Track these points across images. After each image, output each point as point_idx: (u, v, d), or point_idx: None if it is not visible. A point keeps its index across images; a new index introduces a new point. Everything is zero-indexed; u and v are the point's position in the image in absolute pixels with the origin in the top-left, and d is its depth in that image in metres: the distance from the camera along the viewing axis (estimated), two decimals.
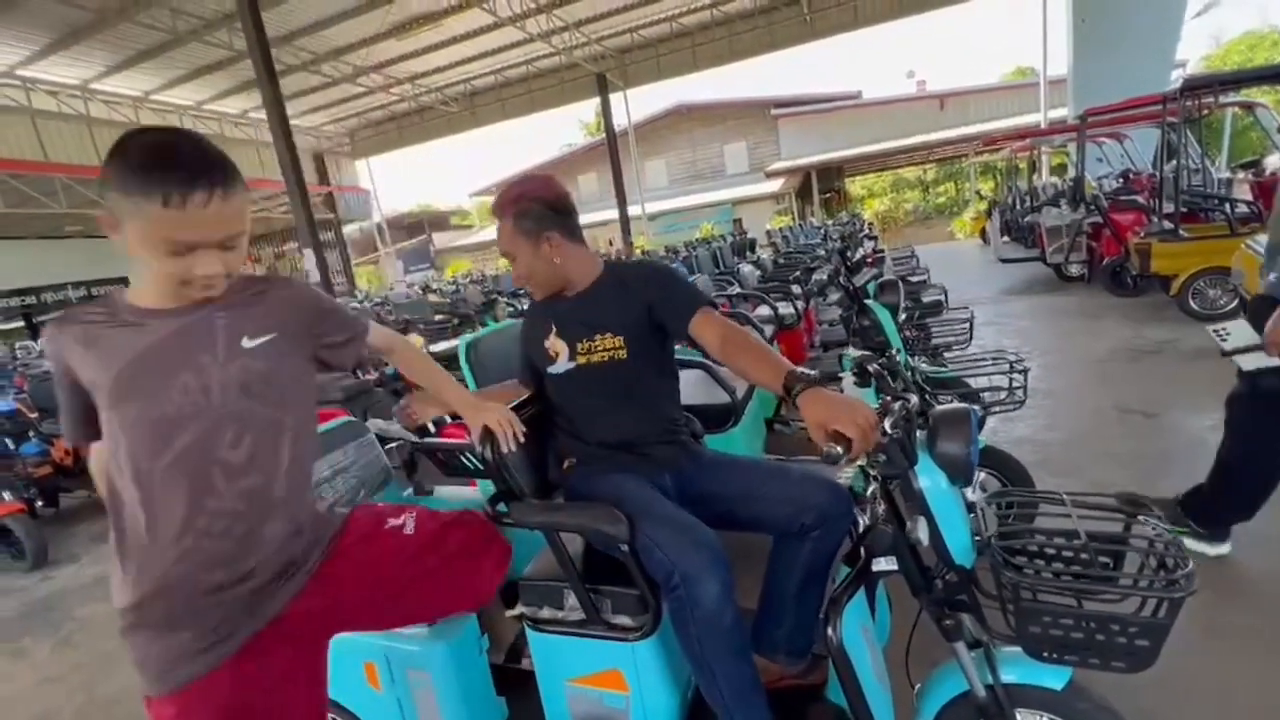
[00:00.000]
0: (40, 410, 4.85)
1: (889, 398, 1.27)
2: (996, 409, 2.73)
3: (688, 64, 16.97)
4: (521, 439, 1.43)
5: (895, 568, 1.37)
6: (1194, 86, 5.15)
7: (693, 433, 1.74)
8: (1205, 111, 5.92)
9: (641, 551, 1.32)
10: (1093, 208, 6.93)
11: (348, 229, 22.89)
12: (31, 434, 4.76)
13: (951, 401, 2.90)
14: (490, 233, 28.85)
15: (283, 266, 21.80)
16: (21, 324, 16.32)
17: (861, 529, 1.41)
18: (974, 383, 2.92)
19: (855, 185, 26.56)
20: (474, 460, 2.80)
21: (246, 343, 1.06)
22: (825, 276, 2.34)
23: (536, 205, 1.51)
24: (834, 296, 2.39)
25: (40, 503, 4.40)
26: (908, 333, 3.36)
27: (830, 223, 11.84)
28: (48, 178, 12.41)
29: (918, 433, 1.40)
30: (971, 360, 3.04)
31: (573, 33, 15.00)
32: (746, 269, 4.73)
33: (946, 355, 3.61)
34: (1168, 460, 3.09)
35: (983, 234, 13.18)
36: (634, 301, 1.50)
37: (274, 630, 1.07)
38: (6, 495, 3.90)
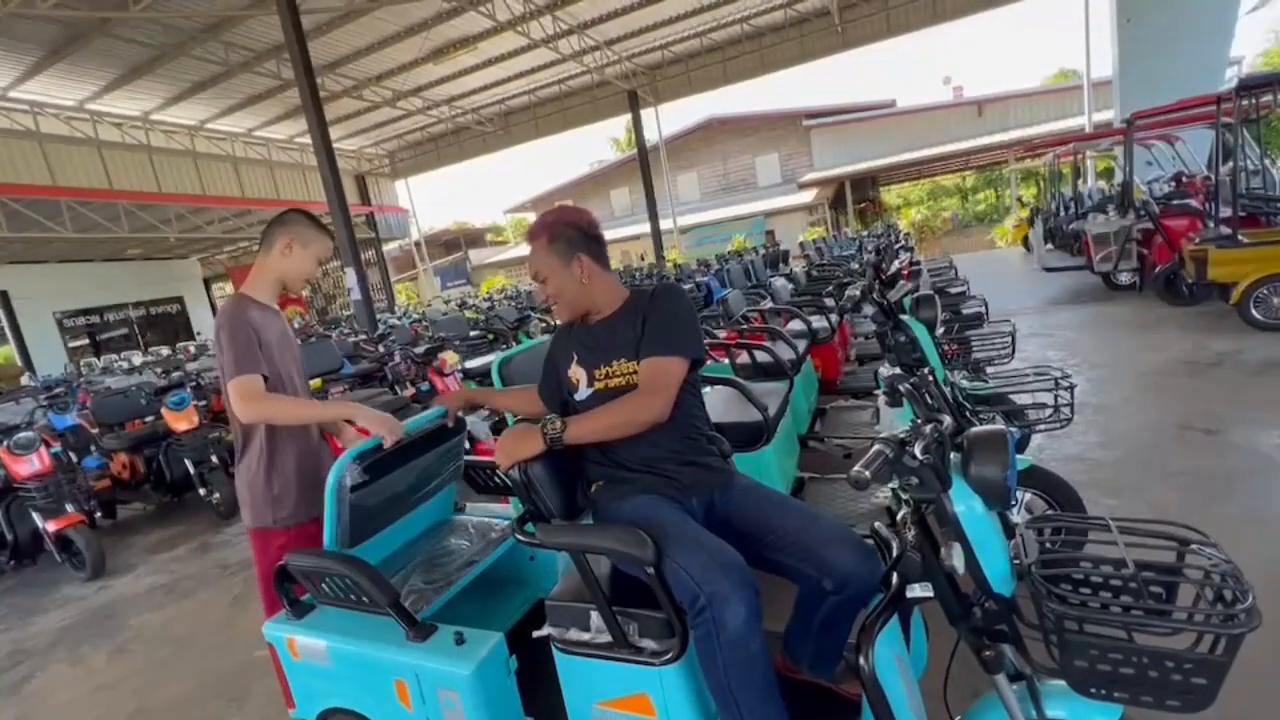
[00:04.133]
0: (102, 425, 5.11)
1: (919, 420, 1.23)
2: (1041, 427, 2.63)
3: (718, 78, 17.02)
4: (394, 441, 1.74)
5: (930, 594, 1.33)
6: (1251, 85, 4.92)
7: (721, 453, 1.73)
8: (1264, 111, 5.64)
9: (668, 574, 1.31)
10: (1143, 213, 6.65)
11: (388, 247, 23.58)
12: (93, 448, 5.01)
13: (993, 419, 2.81)
14: (525, 248, 29.25)
15: (326, 285, 22.55)
16: (86, 341, 17.26)
17: (895, 553, 1.38)
18: (1018, 399, 2.83)
19: (891, 194, 26.13)
20: (505, 479, 2.83)
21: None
22: (859, 292, 2.30)
23: (571, 230, 1.58)
24: (869, 311, 2.34)
25: (99, 514, 4.61)
26: (947, 347, 3.27)
27: (865, 234, 11.67)
28: (112, 204, 13.17)
29: (952, 455, 1.36)
30: (1015, 375, 2.94)
31: (604, 51, 15.24)
32: (779, 282, 4.69)
33: (988, 370, 3.50)
34: (1232, 481, 2.92)
35: (1025, 242, 12.79)
36: (644, 326, 1.54)
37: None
38: (69, 507, 4.10)
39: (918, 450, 1.14)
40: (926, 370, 1.67)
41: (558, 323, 1.74)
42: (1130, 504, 2.80)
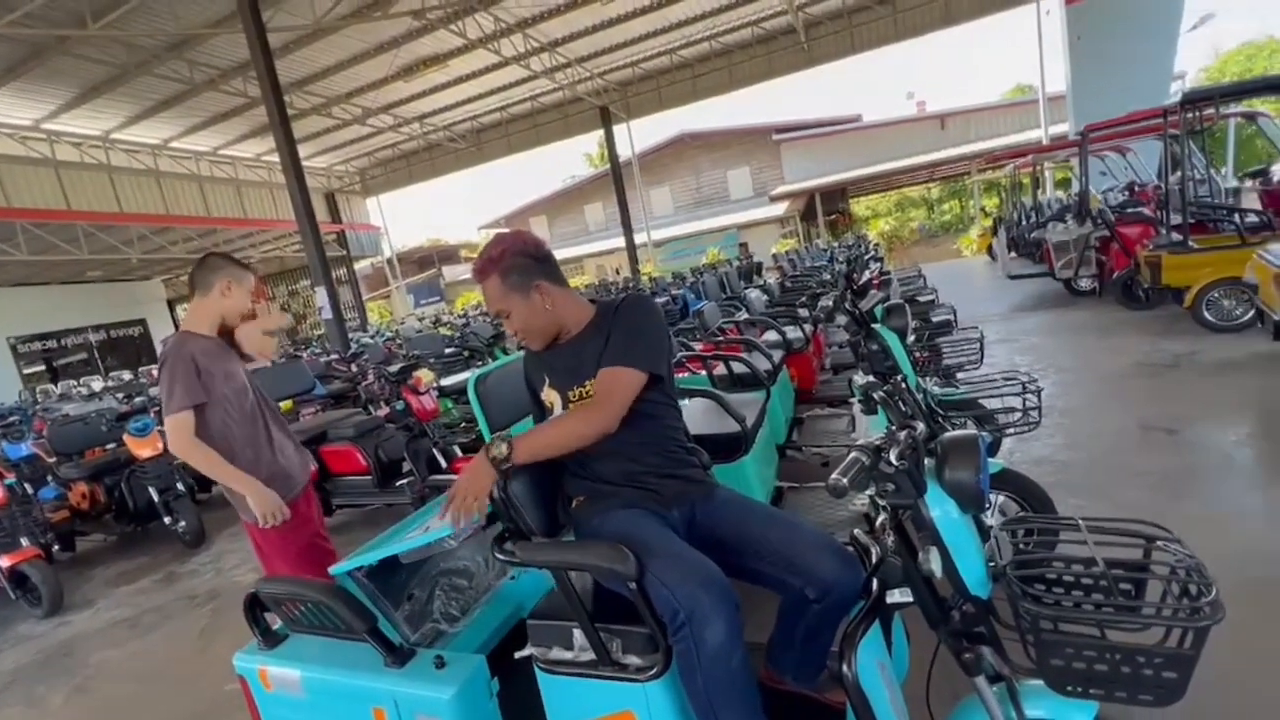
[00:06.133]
0: (59, 454, 4.91)
1: (894, 427, 1.26)
2: (1011, 430, 2.70)
3: (689, 94, 17.29)
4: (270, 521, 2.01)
5: (910, 600, 1.34)
6: (1194, 99, 5.16)
7: (701, 464, 1.73)
8: (1207, 123, 5.92)
9: (649, 589, 1.30)
10: (1099, 222, 6.90)
11: (360, 265, 23.28)
12: (49, 478, 4.82)
13: (965, 424, 2.87)
14: None
15: (296, 304, 22.14)
16: (43, 367, 16.64)
17: (875, 560, 1.39)
18: (988, 404, 2.89)
19: (860, 206, 26.67)
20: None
21: None
22: (831, 302, 2.35)
23: (519, 258, 1.53)
24: (842, 320, 2.38)
25: (57, 547, 4.43)
26: (918, 354, 3.34)
27: (836, 245, 11.88)
28: (70, 225, 12.78)
29: (926, 460, 1.38)
30: (984, 380, 3.01)
31: (575, 68, 15.36)
32: (753, 294, 4.75)
33: (959, 375, 3.58)
34: (1193, 478, 3.02)
35: (989, 251, 13.16)
36: (608, 340, 1.52)
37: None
38: (23, 541, 3.93)
39: (893, 457, 1.16)
40: (899, 378, 1.70)
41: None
42: (1097, 504, 2.88)
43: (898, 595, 1.35)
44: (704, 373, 3.35)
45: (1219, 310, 5.05)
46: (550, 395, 1.61)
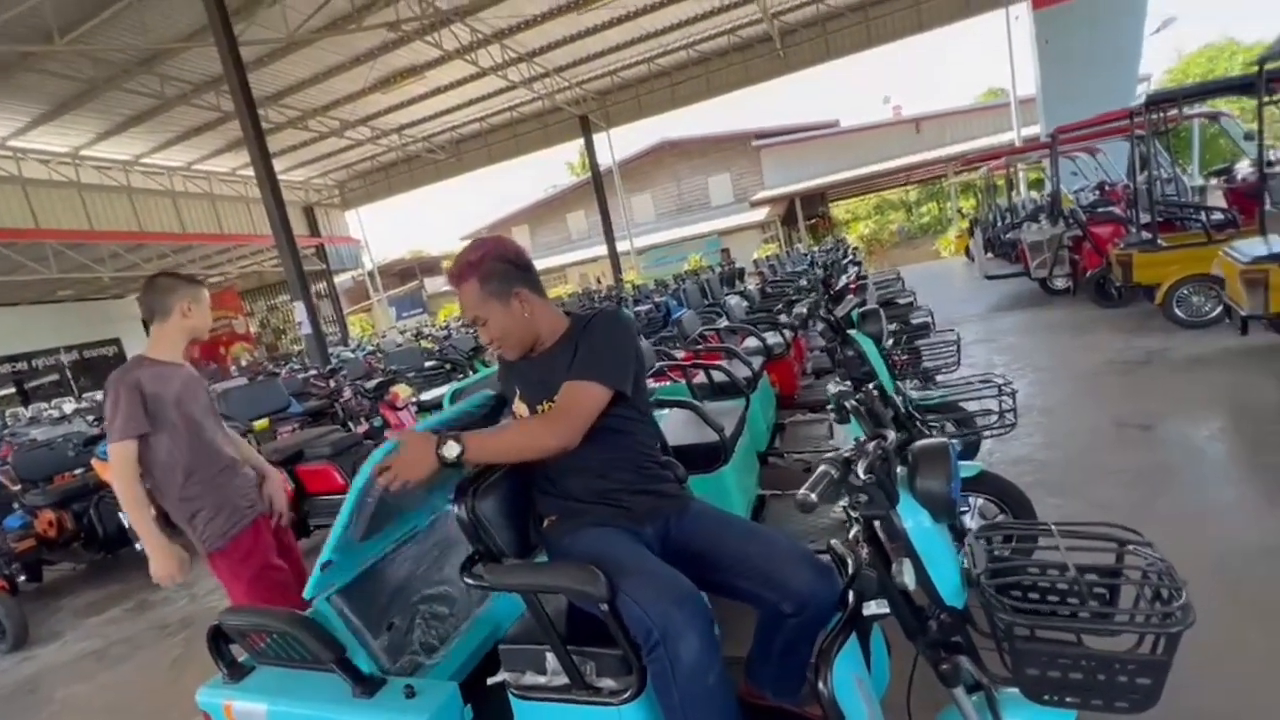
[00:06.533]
0: (24, 481, 4.77)
1: (864, 438, 1.24)
2: (988, 433, 2.71)
3: (667, 101, 17.39)
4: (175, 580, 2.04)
5: (887, 611, 1.33)
6: (1157, 100, 5.27)
7: (677, 478, 1.71)
8: (1171, 124, 6.05)
9: (622, 609, 1.28)
10: (1071, 222, 7.02)
11: (340, 278, 23.04)
12: (15, 506, 4.67)
13: (945, 426, 2.89)
14: None
15: (275, 319, 21.86)
16: (13, 390, 16.23)
17: (850, 572, 1.38)
18: (967, 406, 2.91)
19: (840, 209, 26.94)
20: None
21: None
22: (806, 309, 2.35)
23: (500, 264, 1.49)
24: (818, 327, 2.38)
25: (22, 578, 4.28)
26: (896, 357, 3.35)
27: (816, 249, 11.98)
28: (39, 244, 12.51)
29: (899, 469, 1.37)
30: (964, 382, 3.03)
31: (553, 78, 15.38)
32: (733, 301, 4.75)
33: (938, 378, 3.60)
34: (1168, 474, 3.05)
35: (967, 252, 13.33)
36: (576, 354, 1.49)
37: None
38: None
39: (860, 470, 1.14)
40: (872, 385, 1.70)
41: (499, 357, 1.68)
42: (1074, 503, 2.89)
43: (874, 607, 1.34)
44: (684, 382, 3.33)
45: (1189, 306, 5.14)
46: (520, 407, 1.58)
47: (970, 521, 2.43)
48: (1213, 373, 4.29)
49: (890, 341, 3.33)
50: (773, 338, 4.29)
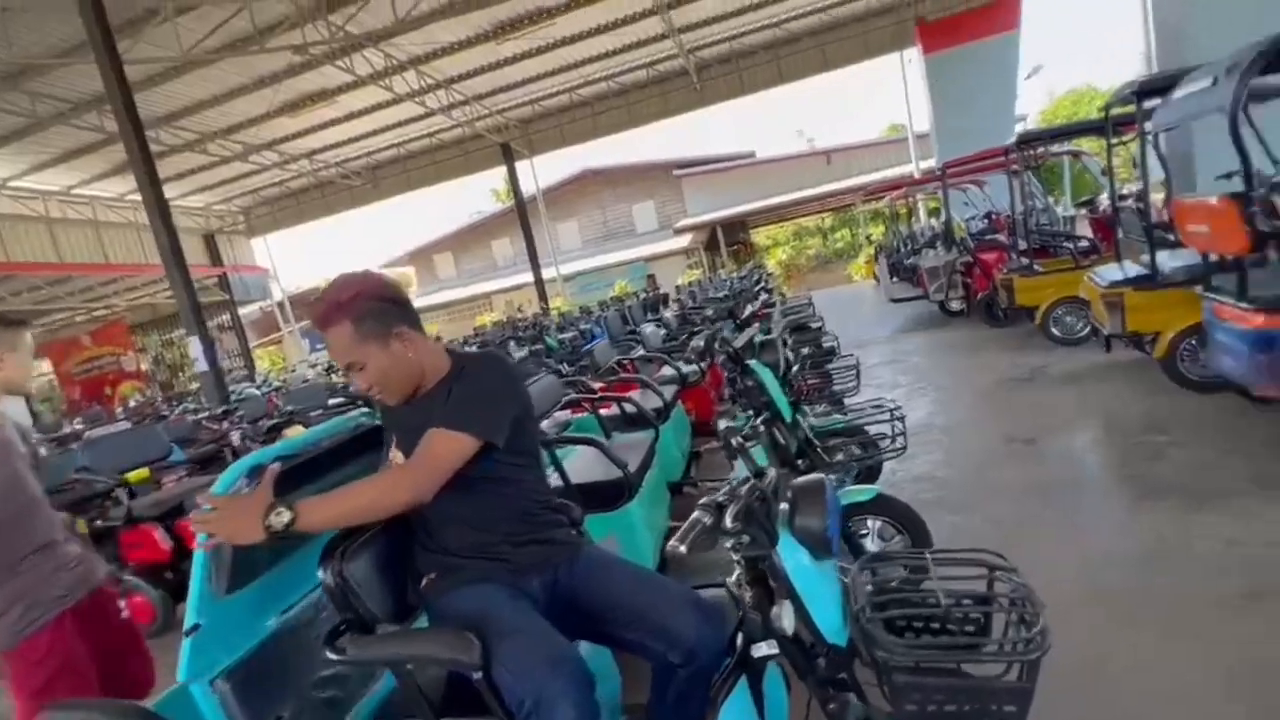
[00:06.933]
0: None
1: (738, 481, 1.23)
2: (883, 456, 2.81)
3: (590, 131, 17.61)
4: None
5: (776, 651, 1.31)
6: (1027, 140, 5.81)
7: (571, 521, 1.65)
8: (1041, 160, 6.67)
9: (496, 677, 1.19)
10: (962, 249, 7.56)
11: (247, 309, 21.64)
12: None
13: (849, 450, 2.97)
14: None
15: (171, 355, 20.21)
16: None
17: (740, 614, 1.35)
18: (870, 429, 3.01)
19: (760, 235, 27.98)
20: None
21: None
22: (703, 342, 2.36)
23: (376, 303, 1.38)
24: (720, 357, 2.41)
25: None
26: (798, 383, 3.44)
27: (736, 274, 12.34)
28: None
29: (783, 506, 1.37)
30: (863, 406, 3.13)
31: (473, 105, 15.26)
32: (649, 329, 4.76)
33: (846, 401, 3.73)
34: (1050, 487, 3.26)
35: (876, 276, 14.12)
36: (448, 398, 1.41)
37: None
38: None
39: (729, 518, 1.12)
40: (760, 420, 1.71)
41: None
42: (970, 519, 3.03)
43: (765, 648, 1.32)
44: (594, 415, 3.28)
45: (1064, 326, 5.61)
46: (396, 456, 1.48)
47: (870, 544, 2.49)
48: (1085, 387, 4.67)
49: (796, 367, 3.43)
50: (688, 365, 4.33)
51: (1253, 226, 2.95)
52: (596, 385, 3.90)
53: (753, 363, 2.44)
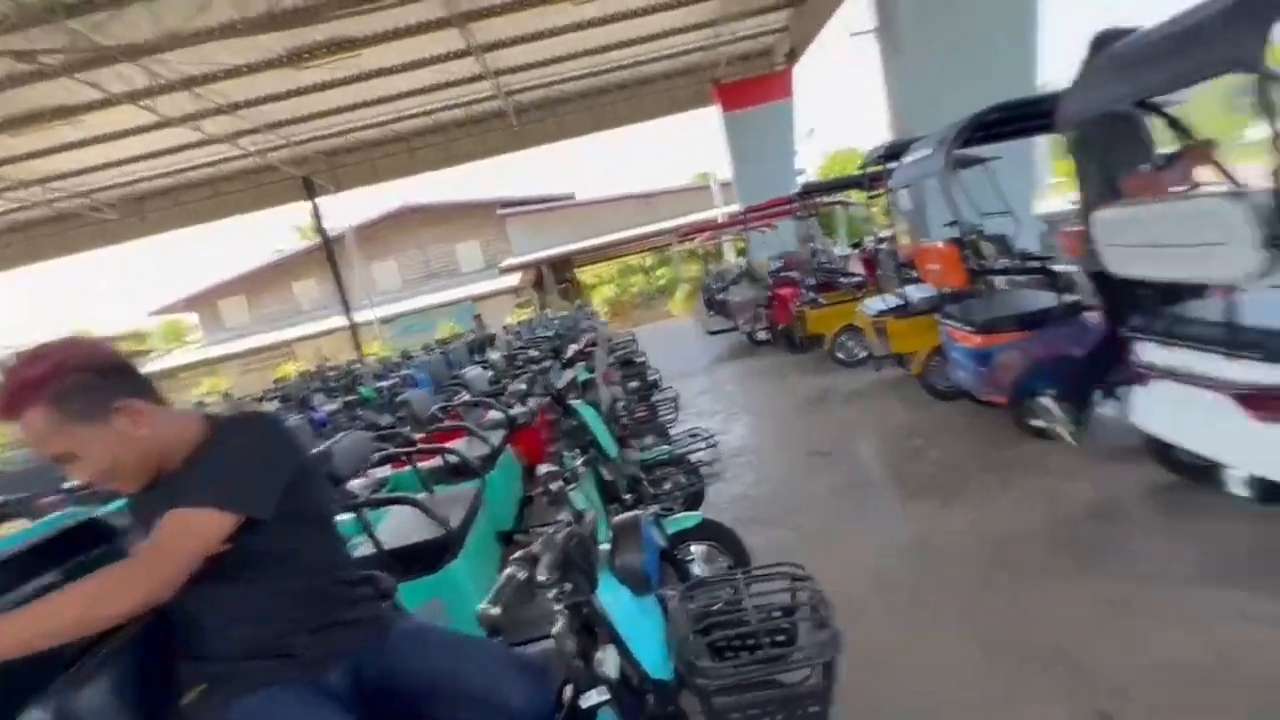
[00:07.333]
0: None
1: (554, 529, 1.22)
2: (704, 483, 2.99)
3: (406, 166, 16.84)
4: None
5: (606, 697, 1.29)
6: (805, 191, 6.74)
7: (380, 592, 1.49)
8: (819, 208, 7.76)
9: None
10: (764, 285, 8.45)
11: None
12: None
13: (675, 478, 3.10)
14: (179, 356, 24.05)
15: None
16: None
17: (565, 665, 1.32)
18: (693, 457, 3.17)
19: (587, 274, 28.75)
20: None
21: None
22: (524, 385, 2.34)
23: (84, 375, 1.13)
24: (536, 401, 2.39)
25: None
26: (625, 420, 3.54)
27: (564, 313, 12.49)
28: None
29: (605, 546, 1.38)
30: (682, 436, 3.31)
31: (266, 134, 13.82)
32: (473, 373, 4.58)
33: (672, 432, 3.91)
34: (844, 492, 3.69)
35: (696, 310, 15.21)
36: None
37: None
38: None
39: (542, 572, 1.09)
40: (582, 461, 1.72)
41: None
42: (782, 532, 3.32)
43: (593, 696, 1.29)
44: (415, 468, 3.06)
45: (846, 351, 6.50)
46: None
47: (697, 569, 2.61)
48: (865, 402, 5.43)
49: (620, 403, 3.53)
50: (518, 407, 4.24)
51: (967, 266, 3.70)
52: (417, 437, 3.66)
53: (575, 402, 2.46)
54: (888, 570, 2.76)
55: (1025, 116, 3.67)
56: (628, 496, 2.49)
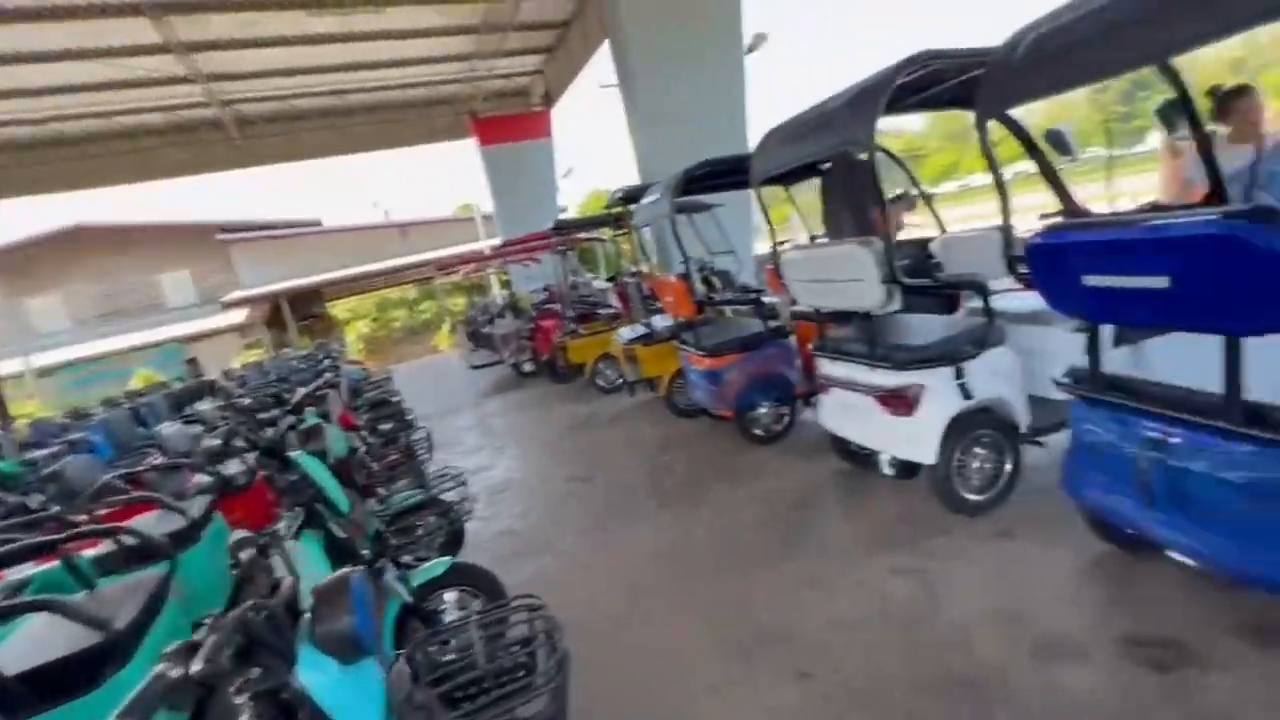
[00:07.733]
0: None
1: (221, 614, 1.04)
2: (460, 522, 2.85)
3: (78, 177, 13.46)
4: None
5: None
6: (558, 228, 7.02)
7: None
8: (576, 244, 8.13)
9: None
10: (527, 317, 8.52)
11: None
12: None
13: (428, 522, 2.89)
14: None
15: None
16: None
17: None
18: (446, 498, 3.01)
19: (339, 309, 25.98)
20: None
21: None
22: (220, 441, 1.98)
23: None
24: (252, 462, 2.04)
25: None
26: (372, 467, 3.23)
27: (300, 354, 11.05)
28: None
29: (307, 616, 1.21)
30: (435, 476, 3.13)
31: None
32: (171, 430, 3.73)
33: (427, 471, 3.65)
34: (603, 514, 3.84)
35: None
36: None
37: None
38: None
39: (197, 665, 0.92)
40: (298, 522, 1.50)
41: None
42: (546, 560, 3.32)
43: None
44: (70, 559, 2.37)
45: (605, 378, 6.86)
46: None
47: (450, 615, 2.46)
48: (622, 425, 5.77)
49: (363, 449, 3.21)
50: (234, 466, 3.58)
51: (695, 298, 4.19)
52: (79, 518, 2.85)
53: (295, 454, 2.16)
54: (642, 580, 2.93)
55: (730, 172, 4.32)
56: (365, 553, 2.25)
